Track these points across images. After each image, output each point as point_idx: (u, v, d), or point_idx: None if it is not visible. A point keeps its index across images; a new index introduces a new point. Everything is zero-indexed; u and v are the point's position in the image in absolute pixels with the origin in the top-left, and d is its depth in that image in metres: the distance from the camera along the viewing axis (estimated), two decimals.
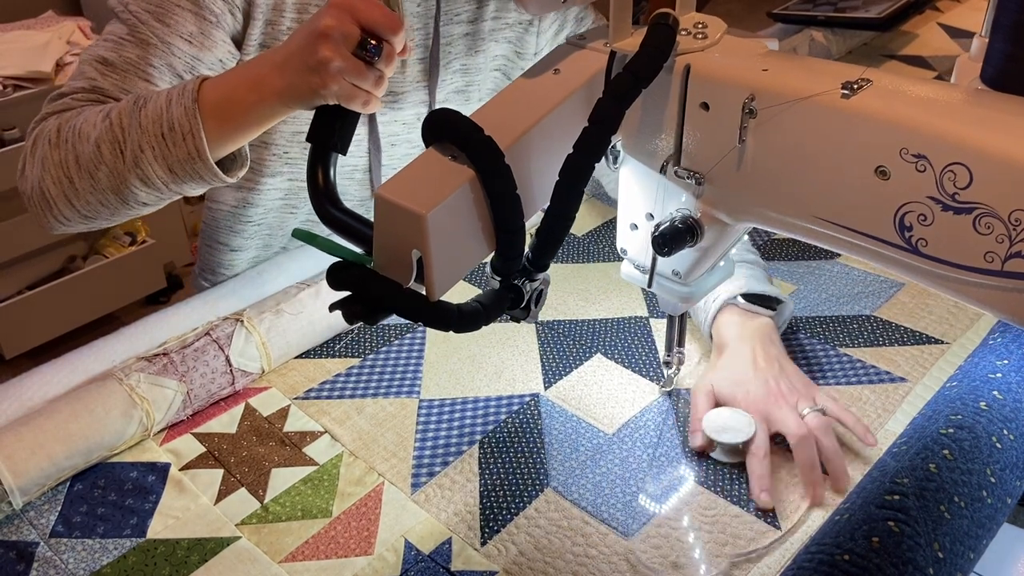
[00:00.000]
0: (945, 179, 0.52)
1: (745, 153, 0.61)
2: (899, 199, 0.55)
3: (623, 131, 0.68)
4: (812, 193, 0.59)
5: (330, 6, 0.67)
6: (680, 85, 0.63)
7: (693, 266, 0.72)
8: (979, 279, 0.53)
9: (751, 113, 0.59)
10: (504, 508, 0.76)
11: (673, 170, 0.66)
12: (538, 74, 0.67)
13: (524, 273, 0.65)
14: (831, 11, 1.62)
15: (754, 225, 0.67)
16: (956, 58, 0.78)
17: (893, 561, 0.62)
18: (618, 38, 0.65)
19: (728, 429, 0.78)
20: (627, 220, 0.74)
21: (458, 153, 0.59)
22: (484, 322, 0.62)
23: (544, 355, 0.93)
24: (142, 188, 0.79)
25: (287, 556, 0.72)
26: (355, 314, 0.60)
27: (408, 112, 1.01)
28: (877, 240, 0.57)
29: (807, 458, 0.75)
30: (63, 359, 0.87)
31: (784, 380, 0.81)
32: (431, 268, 0.58)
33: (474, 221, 0.60)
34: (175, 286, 2.45)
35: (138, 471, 0.80)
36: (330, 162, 0.66)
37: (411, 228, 0.56)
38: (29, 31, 2.22)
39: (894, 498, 0.67)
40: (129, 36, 0.84)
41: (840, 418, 0.79)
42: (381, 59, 0.67)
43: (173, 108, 0.76)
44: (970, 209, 0.52)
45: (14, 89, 2.05)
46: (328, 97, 0.68)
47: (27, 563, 0.71)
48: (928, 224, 0.54)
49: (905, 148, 0.53)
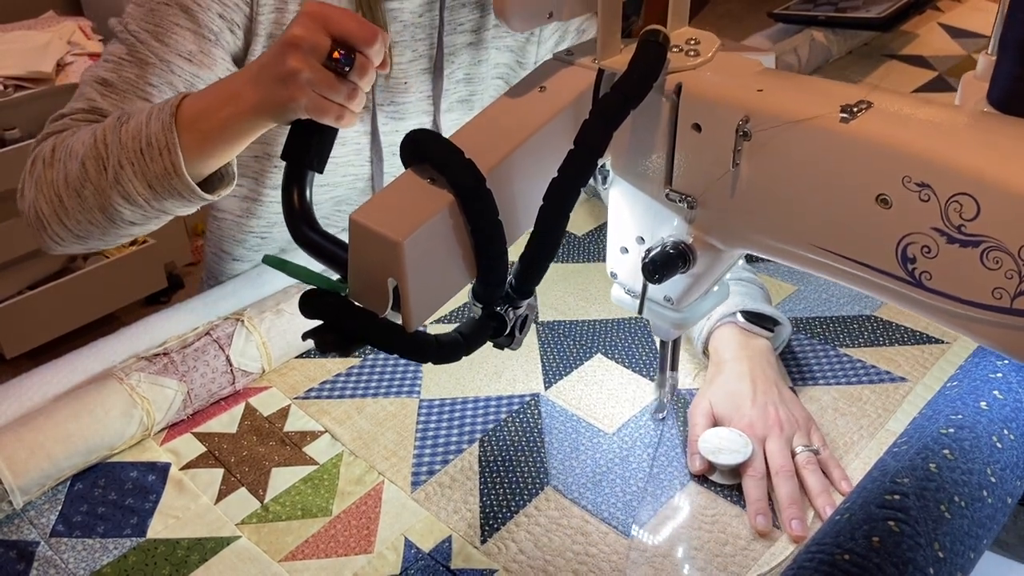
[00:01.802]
0: (950, 210, 0.49)
1: (739, 177, 0.59)
2: (901, 229, 0.52)
3: (612, 151, 0.66)
4: (810, 220, 0.57)
5: (301, 15, 0.65)
6: (671, 105, 0.60)
7: (686, 292, 0.70)
8: (987, 316, 0.51)
9: (745, 136, 0.57)
10: (504, 506, 0.76)
11: (664, 193, 0.64)
12: (523, 92, 0.63)
13: (507, 300, 0.62)
14: (832, 11, 1.62)
15: (749, 251, 0.65)
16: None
17: (893, 561, 0.62)
18: (606, 55, 0.62)
19: (724, 450, 0.77)
20: (617, 243, 0.71)
21: (437, 176, 0.56)
22: (464, 353, 0.60)
23: (544, 355, 0.93)
24: (125, 206, 0.77)
25: (287, 555, 0.72)
26: (328, 344, 0.57)
27: (411, 122, 1.01)
28: (878, 271, 0.54)
29: (787, 494, 0.73)
30: (63, 359, 0.87)
31: (783, 408, 0.80)
32: (408, 297, 0.55)
33: (454, 247, 0.57)
34: (175, 286, 2.45)
35: (138, 471, 0.80)
36: (306, 181, 0.63)
37: (386, 255, 0.54)
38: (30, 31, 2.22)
39: (894, 498, 0.67)
40: (128, 56, 0.84)
41: (827, 467, 0.77)
42: (354, 71, 0.65)
43: (152, 123, 0.74)
44: (977, 242, 0.49)
45: (15, 89, 2.05)
46: (298, 111, 0.66)
47: (27, 562, 0.71)
48: (932, 256, 0.51)
49: (908, 176, 0.50)
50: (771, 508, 0.74)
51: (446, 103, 1.03)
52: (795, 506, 0.73)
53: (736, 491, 0.76)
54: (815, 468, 0.76)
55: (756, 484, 0.75)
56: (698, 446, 0.77)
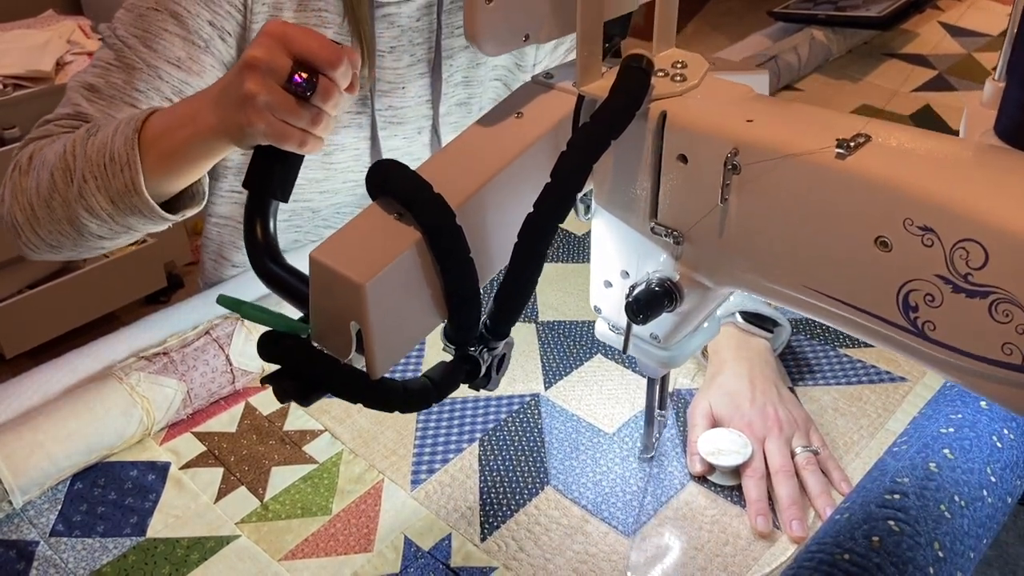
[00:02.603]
0: (956, 257, 0.45)
1: (728, 213, 0.55)
2: (903, 275, 0.48)
3: (594, 180, 0.62)
4: (803, 261, 0.53)
5: (261, 34, 0.61)
6: (655, 134, 0.56)
7: (673, 330, 0.66)
8: (996, 372, 0.47)
9: (734, 169, 0.53)
10: (504, 505, 0.76)
11: (649, 226, 0.60)
12: (498, 118, 0.59)
13: (482, 341, 0.58)
14: (832, 10, 1.62)
15: (740, 290, 0.61)
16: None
17: (893, 560, 0.62)
18: (587, 80, 0.58)
19: (724, 451, 0.76)
20: (600, 276, 0.68)
21: (404, 211, 0.52)
22: (435, 400, 0.56)
23: (544, 355, 0.93)
24: (91, 219, 0.76)
25: (287, 554, 0.72)
26: (286, 392, 0.53)
27: (410, 127, 1.01)
28: (877, 318, 0.51)
29: (787, 495, 0.73)
30: (63, 359, 0.87)
31: (783, 408, 0.80)
32: (371, 343, 0.51)
33: (422, 288, 0.53)
34: (175, 285, 2.45)
35: (138, 470, 0.80)
36: (269, 212, 0.59)
37: (348, 298, 0.50)
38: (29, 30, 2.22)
39: (894, 497, 0.67)
40: (116, 61, 0.83)
41: (826, 466, 0.77)
42: (317, 95, 0.60)
43: (116, 138, 0.73)
44: (986, 293, 0.45)
45: (14, 88, 2.05)
46: (256, 136, 0.62)
47: (27, 562, 0.71)
48: (936, 306, 0.47)
49: (909, 219, 0.46)
50: (771, 508, 0.74)
51: (444, 106, 1.03)
52: (795, 507, 0.73)
53: (736, 491, 0.76)
54: (815, 469, 0.76)
55: (756, 485, 0.74)
56: (697, 447, 0.77)
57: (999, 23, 1.77)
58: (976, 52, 1.64)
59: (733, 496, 0.76)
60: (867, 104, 1.46)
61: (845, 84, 1.55)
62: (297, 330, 0.54)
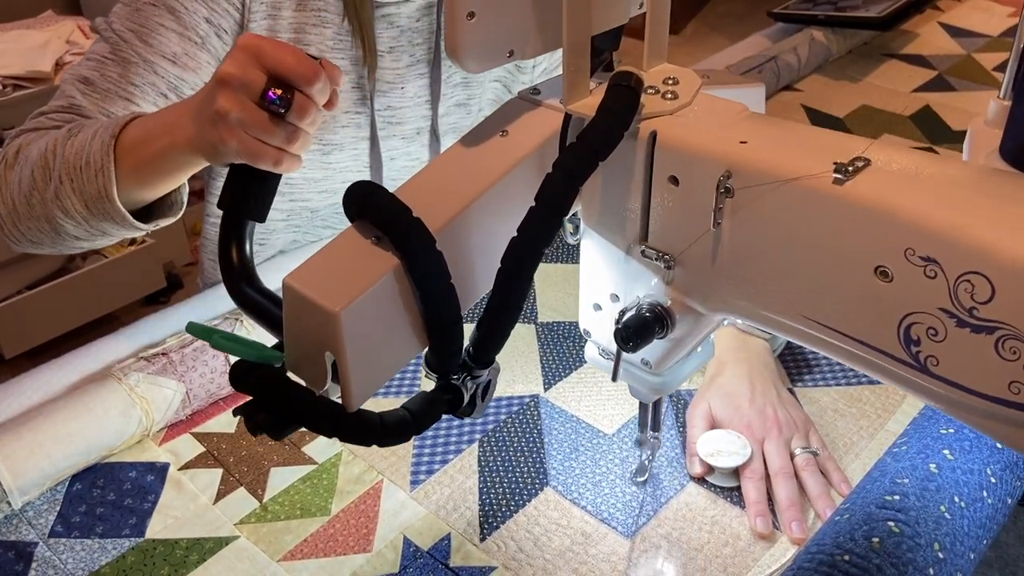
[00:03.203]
0: (960, 290, 0.43)
1: (721, 237, 0.53)
2: (904, 307, 0.46)
3: (582, 200, 0.60)
4: (800, 290, 0.51)
5: (234, 49, 0.59)
6: (645, 154, 0.54)
7: (665, 356, 0.64)
8: (1001, 411, 0.44)
9: (727, 192, 0.50)
10: (503, 506, 0.76)
11: (640, 249, 0.58)
12: (483, 137, 0.57)
13: (465, 369, 0.56)
14: (831, 10, 1.62)
15: (734, 317, 0.58)
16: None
17: (893, 561, 0.62)
18: (574, 97, 0.56)
19: (723, 452, 0.76)
20: (589, 299, 0.66)
21: (382, 235, 0.50)
22: (414, 432, 0.54)
23: (544, 356, 0.93)
24: (67, 220, 0.75)
25: (286, 555, 0.72)
26: (259, 425, 0.51)
27: (409, 127, 1.01)
28: (877, 351, 0.48)
29: (786, 496, 0.73)
30: (63, 359, 0.87)
31: (782, 410, 0.80)
32: (347, 374, 0.49)
33: (401, 316, 0.51)
34: (175, 286, 2.45)
35: (137, 471, 0.80)
36: (245, 233, 0.57)
37: (323, 327, 0.48)
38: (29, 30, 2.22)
39: (894, 498, 0.67)
40: (111, 55, 0.83)
41: (826, 467, 0.77)
42: (291, 112, 0.58)
43: (94, 142, 0.71)
44: (992, 328, 0.43)
45: (14, 89, 2.05)
46: (229, 154, 0.59)
47: (26, 563, 0.71)
48: (939, 340, 0.45)
49: (911, 248, 0.44)
50: (771, 510, 0.74)
51: (444, 107, 1.03)
52: (794, 508, 0.73)
53: (736, 492, 0.76)
54: (814, 470, 0.76)
55: (755, 486, 0.74)
56: (696, 448, 0.77)
57: (999, 23, 1.77)
58: (976, 53, 1.64)
59: (733, 497, 0.76)
60: (867, 104, 1.46)
61: (845, 84, 1.55)
62: (270, 359, 0.52)
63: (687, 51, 3.57)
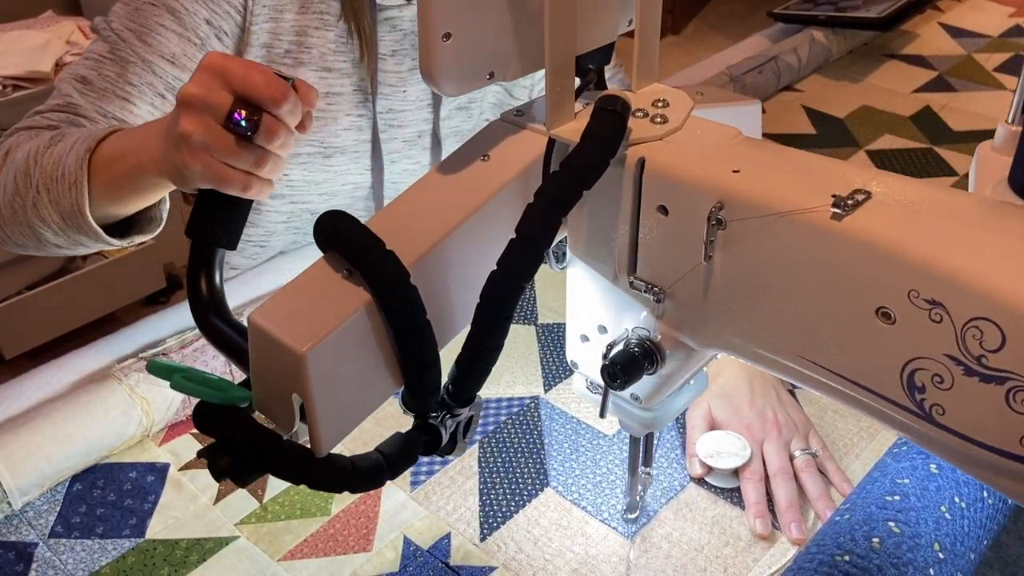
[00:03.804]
0: (968, 336, 0.40)
1: (713, 271, 0.50)
2: (907, 351, 0.43)
3: (568, 227, 0.58)
4: (796, 329, 0.48)
5: (199, 69, 0.55)
6: (633, 181, 0.51)
7: (655, 391, 0.61)
8: (1011, 465, 0.42)
9: (719, 224, 0.48)
10: (504, 506, 0.76)
11: (628, 280, 0.55)
12: (463, 162, 0.54)
13: (444, 407, 0.53)
14: (832, 10, 1.62)
15: (728, 354, 0.55)
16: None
17: (893, 562, 0.62)
18: (557, 121, 0.53)
19: (722, 453, 0.76)
20: (576, 330, 0.63)
21: (353, 268, 0.48)
22: (389, 477, 0.51)
23: (544, 358, 0.93)
24: (45, 229, 0.74)
25: (286, 554, 0.72)
26: (223, 471, 0.48)
27: (410, 130, 1.01)
28: (879, 396, 0.46)
29: (785, 497, 0.73)
30: (63, 359, 0.86)
31: (781, 411, 0.80)
32: (315, 418, 0.47)
33: (374, 355, 0.48)
34: (175, 286, 2.45)
35: (137, 471, 0.80)
36: (214, 262, 0.54)
37: (289, 367, 0.45)
38: (29, 31, 2.22)
39: (895, 498, 0.67)
40: (109, 54, 0.83)
41: (826, 468, 0.77)
42: (259, 135, 0.54)
43: (70, 154, 0.70)
44: (1002, 379, 0.40)
45: (14, 89, 2.05)
46: (194, 178, 0.56)
47: (26, 563, 0.71)
48: (946, 388, 0.42)
49: (915, 290, 0.41)
50: (770, 511, 0.74)
51: (445, 110, 1.02)
52: (793, 509, 0.73)
53: (736, 493, 0.76)
54: (813, 471, 0.76)
55: (754, 487, 0.74)
56: (696, 449, 0.77)
57: (999, 24, 1.77)
58: (976, 53, 1.64)
59: (733, 498, 0.76)
60: (867, 105, 1.46)
61: (845, 85, 1.55)
62: (235, 399, 0.49)
63: (687, 51, 3.57)
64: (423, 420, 0.53)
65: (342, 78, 0.93)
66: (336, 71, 0.93)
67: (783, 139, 1.37)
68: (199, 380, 0.48)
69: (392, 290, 0.46)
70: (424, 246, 0.49)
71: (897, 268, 0.42)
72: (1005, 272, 0.39)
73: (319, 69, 0.92)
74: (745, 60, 1.49)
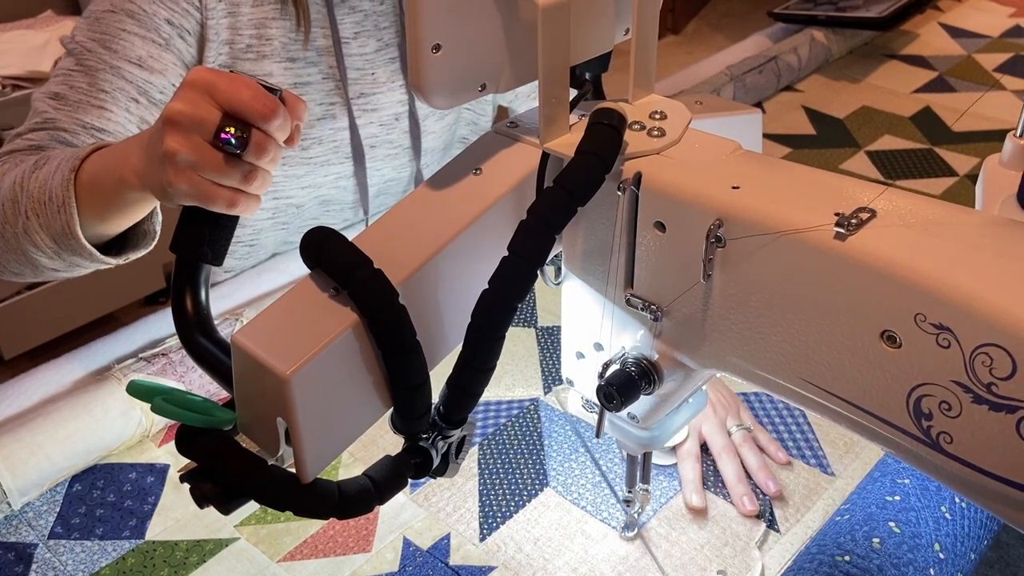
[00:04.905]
0: (977, 363, 0.39)
1: (712, 290, 0.49)
2: (914, 376, 0.42)
3: (564, 242, 0.56)
4: (798, 351, 0.46)
5: (183, 85, 0.54)
6: (630, 197, 0.50)
7: (653, 411, 0.59)
8: (1021, 496, 0.41)
9: (718, 242, 0.47)
10: (503, 506, 0.76)
11: (625, 298, 0.54)
12: (455, 176, 0.52)
13: (436, 428, 0.51)
14: (832, 10, 1.62)
15: (727, 374, 0.54)
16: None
17: (894, 562, 0.62)
18: (551, 134, 0.51)
19: None
20: (572, 347, 0.62)
21: (340, 287, 0.46)
22: (377, 503, 0.49)
23: (544, 360, 0.93)
24: (39, 254, 0.73)
25: (285, 555, 0.72)
26: (206, 497, 0.47)
27: (386, 113, 1.00)
28: (885, 423, 0.44)
29: (733, 472, 0.76)
30: (62, 359, 0.87)
31: (713, 391, 0.82)
32: (300, 443, 0.45)
33: (361, 377, 0.47)
34: None
35: (137, 472, 0.80)
36: (200, 279, 0.52)
37: (273, 390, 0.44)
38: (28, 31, 2.22)
39: (895, 498, 0.67)
40: (77, 67, 0.82)
41: (757, 436, 0.80)
42: (248, 151, 0.53)
43: (55, 176, 0.69)
44: (1013, 408, 0.39)
45: (13, 89, 2.05)
46: (179, 196, 0.55)
47: (26, 564, 0.71)
48: (954, 416, 0.41)
49: (921, 314, 0.40)
50: (755, 492, 0.74)
51: None
52: (743, 483, 0.76)
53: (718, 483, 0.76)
54: (752, 445, 0.79)
55: (691, 466, 0.77)
56: None
57: (999, 24, 1.77)
58: (976, 53, 1.64)
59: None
60: (867, 105, 1.46)
61: (845, 85, 1.55)
62: (219, 422, 0.48)
63: (687, 51, 3.57)
64: (413, 442, 0.52)
65: (308, 67, 0.93)
66: (301, 60, 0.92)
67: (783, 139, 1.37)
68: (181, 403, 0.47)
69: (380, 310, 0.45)
70: (413, 264, 0.48)
71: (903, 290, 0.41)
72: (1017, 297, 0.38)
73: (283, 60, 0.91)
74: (745, 60, 1.49)
